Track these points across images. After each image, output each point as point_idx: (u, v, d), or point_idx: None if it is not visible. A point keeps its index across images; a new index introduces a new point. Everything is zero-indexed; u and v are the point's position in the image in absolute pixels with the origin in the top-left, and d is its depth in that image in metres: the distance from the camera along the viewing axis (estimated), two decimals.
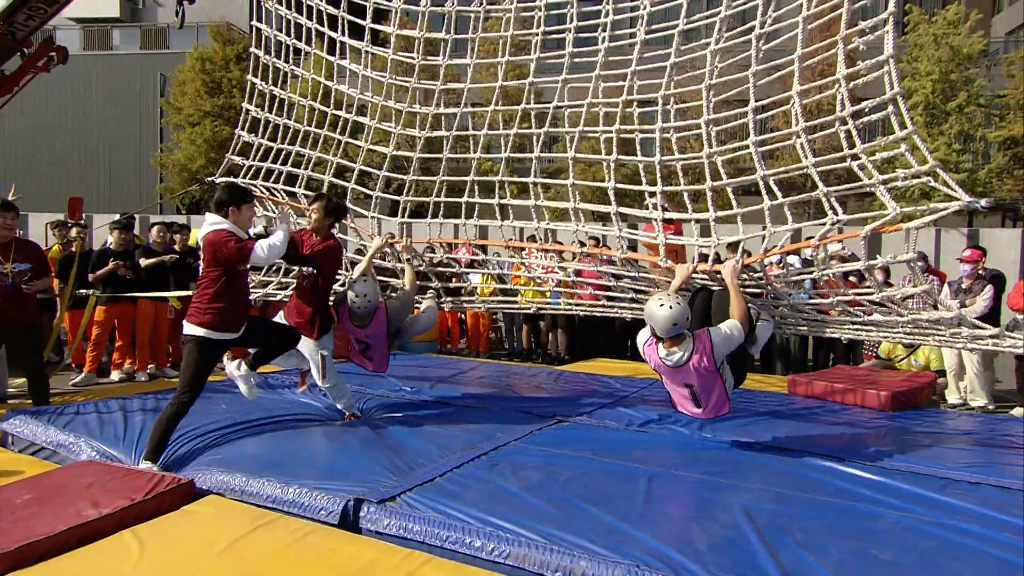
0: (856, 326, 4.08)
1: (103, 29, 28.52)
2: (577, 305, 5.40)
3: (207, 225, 3.94)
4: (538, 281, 6.39)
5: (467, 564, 2.76)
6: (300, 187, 5.71)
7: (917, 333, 3.92)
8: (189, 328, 3.98)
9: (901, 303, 3.75)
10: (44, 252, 5.47)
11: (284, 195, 5.80)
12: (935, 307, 3.74)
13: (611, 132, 4.36)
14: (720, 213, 4.03)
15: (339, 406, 4.77)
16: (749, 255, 4.07)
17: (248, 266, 4.01)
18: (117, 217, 8.06)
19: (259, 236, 4.35)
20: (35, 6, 7.18)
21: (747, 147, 3.77)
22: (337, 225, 4.69)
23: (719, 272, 4.00)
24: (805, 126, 3.56)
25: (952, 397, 6.73)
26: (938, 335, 3.79)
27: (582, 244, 8.11)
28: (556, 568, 2.65)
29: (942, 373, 6.76)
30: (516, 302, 5.98)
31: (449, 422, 4.62)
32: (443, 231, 5.44)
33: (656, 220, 4.14)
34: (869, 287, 3.69)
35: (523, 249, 5.59)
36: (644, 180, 4.39)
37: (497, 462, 3.78)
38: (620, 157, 4.34)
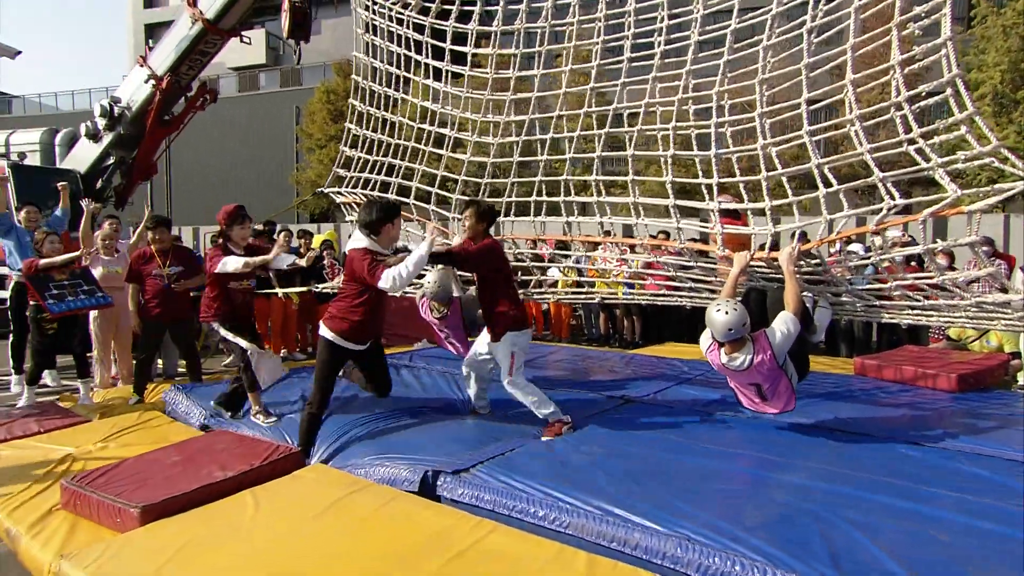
0: (916, 311, 3.62)
1: (252, 73, 30.42)
2: (640, 295, 5.16)
3: (352, 241, 3.72)
4: (612, 273, 6.19)
5: (530, 533, 2.66)
6: (392, 193, 5.73)
7: (982, 317, 3.43)
8: (324, 330, 3.76)
9: (965, 287, 3.28)
10: (195, 256, 5.81)
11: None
12: (1003, 290, 3.25)
13: (668, 129, 4.08)
14: (777, 202, 3.70)
15: (539, 414, 3.83)
16: (807, 240, 3.71)
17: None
18: (259, 226, 8.47)
19: (400, 250, 4.09)
20: (194, 58, 7.76)
21: (801, 138, 3.42)
22: (491, 228, 4.18)
23: (776, 259, 3.65)
24: (859, 114, 3.17)
25: None
26: (1005, 318, 3.29)
27: (653, 237, 7.80)
28: (612, 539, 2.50)
29: (1016, 355, 5.97)
30: (591, 293, 5.79)
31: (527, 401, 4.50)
32: (541, 229, 5.26)
33: (713, 211, 3.85)
34: (930, 271, 3.25)
35: (598, 244, 5.40)
36: (701, 174, 4.09)
37: (564, 439, 3.65)
38: (676, 152, 4.06)
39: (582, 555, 2.42)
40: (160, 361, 6.46)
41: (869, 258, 3.49)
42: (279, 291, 7.53)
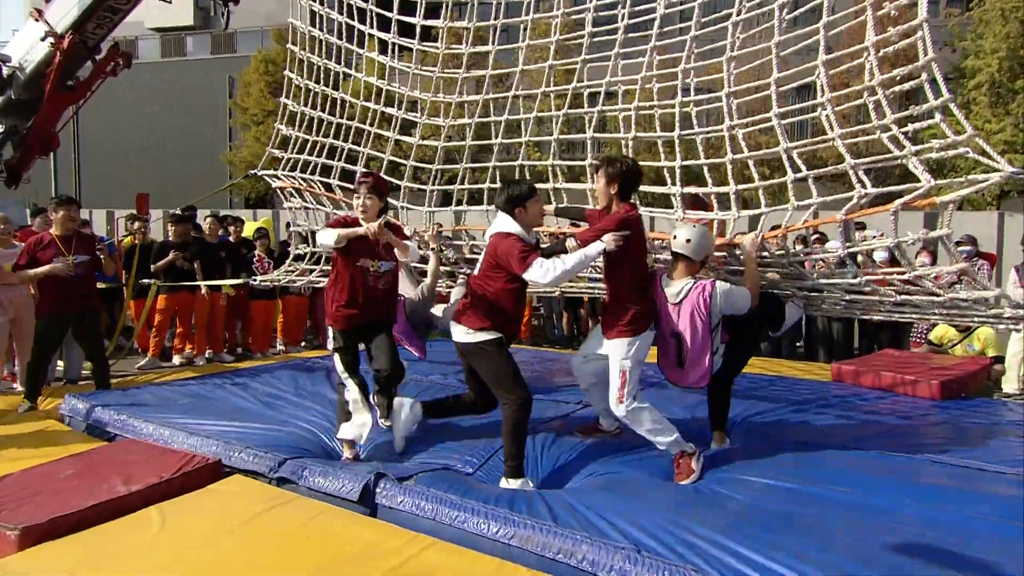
0: (889, 307, 3.79)
1: (177, 36, 29.66)
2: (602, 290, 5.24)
3: (496, 225, 3.53)
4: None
5: (473, 546, 2.71)
6: (334, 178, 5.71)
7: (955, 313, 3.61)
8: (477, 335, 3.48)
9: (936, 282, 3.45)
10: (100, 245, 5.66)
11: (321, 186, 5.83)
12: (978, 288, 3.42)
13: (629, 109, 4.17)
14: (743, 186, 3.81)
15: (659, 444, 3.46)
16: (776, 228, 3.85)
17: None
18: (177, 211, 8.30)
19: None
20: (102, 15, 7.48)
21: (769, 120, 3.54)
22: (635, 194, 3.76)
23: (737, 247, 3.78)
24: (830, 97, 3.30)
25: (1009, 386, 6.24)
26: (979, 315, 3.48)
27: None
28: (558, 551, 2.57)
29: (999, 359, 6.28)
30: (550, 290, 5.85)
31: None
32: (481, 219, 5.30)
33: (675, 196, 3.95)
34: (903, 268, 3.41)
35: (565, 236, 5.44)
36: (664, 157, 4.20)
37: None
38: (638, 135, 4.15)
39: (523, 571, 2.47)
40: (61, 363, 6.28)
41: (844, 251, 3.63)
42: (204, 284, 7.40)
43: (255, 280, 6.99)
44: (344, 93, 5.73)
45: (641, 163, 3.61)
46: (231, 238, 8.32)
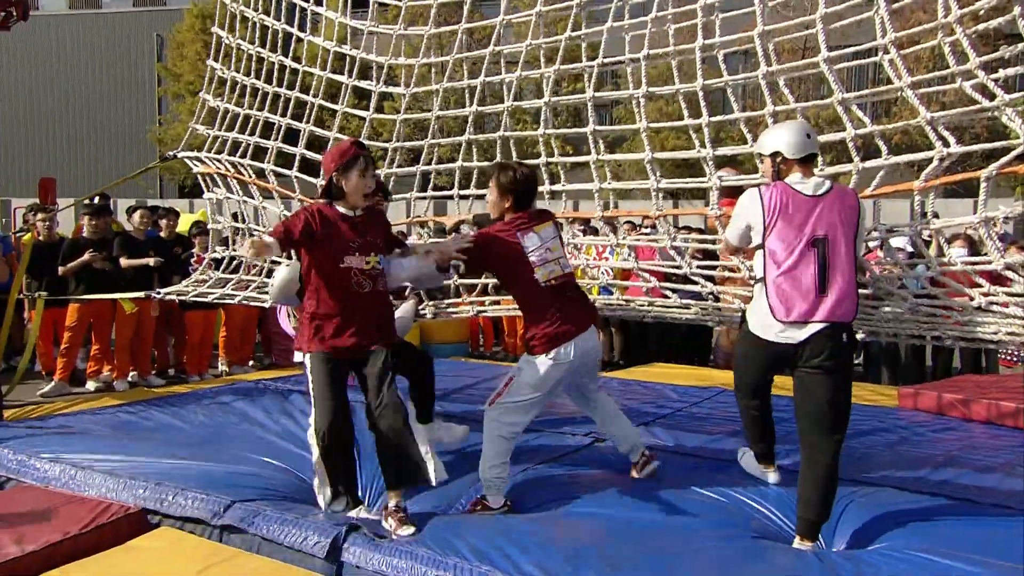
0: (966, 320, 3.77)
1: None
2: (618, 305, 5.24)
3: None
4: (587, 272, 6.23)
5: None
6: (269, 162, 5.62)
7: None
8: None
9: None
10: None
11: (251, 172, 5.75)
12: None
13: (639, 59, 4.13)
14: None
15: (481, 471, 3.67)
16: None
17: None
18: (91, 199, 8.21)
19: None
20: None
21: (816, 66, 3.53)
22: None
23: None
24: (892, 38, 3.28)
25: None
26: None
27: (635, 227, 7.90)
28: None
29: None
30: None
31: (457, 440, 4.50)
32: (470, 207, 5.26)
33: (705, 159, 3.95)
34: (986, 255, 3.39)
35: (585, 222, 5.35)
36: (698, 145, 4.21)
37: (510, 491, 3.68)
38: (651, 124, 4.09)
39: None
40: None
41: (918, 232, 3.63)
42: (96, 296, 7.16)
43: (159, 292, 6.77)
44: (286, 57, 5.64)
45: (661, 124, 3.67)
46: (162, 233, 8.24)
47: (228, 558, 3.10)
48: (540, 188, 4.88)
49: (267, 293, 5.30)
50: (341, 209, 3.57)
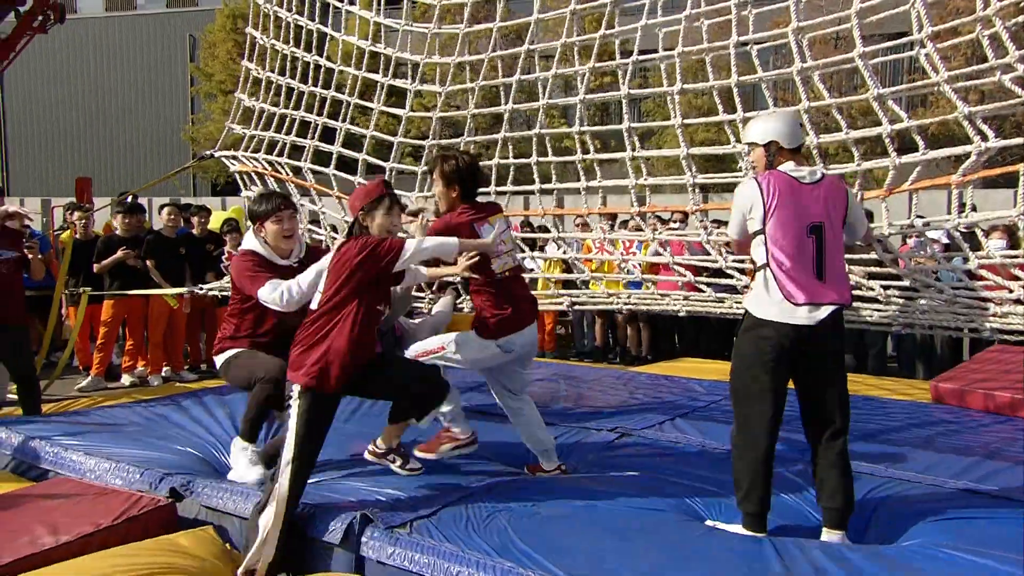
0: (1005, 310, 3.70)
1: None
2: (650, 298, 5.21)
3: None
4: (618, 264, 6.22)
5: None
6: (306, 160, 5.68)
7: None
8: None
9: None
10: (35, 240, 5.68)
11: (288, 170, 5.82)
12: None
13: (673, 56, 4.10)
14: (838, 169, 3.74)
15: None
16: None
17: None
18: (125, 197, 8.34)
19: None
20: None
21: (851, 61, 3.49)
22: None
23: None
24: (930, 32, 3.22)
25: None
26: None
27: (664, 222, 7.84)
28: None
29: None
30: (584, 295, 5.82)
31: (485, 436, 4.49)
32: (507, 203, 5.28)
33: (740, 155, 3.95)
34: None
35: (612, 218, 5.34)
36: (733, 139, 4.19)
37: (530, 486, 3.70)
38: (686, 121, 4.06)
39: None
40: None
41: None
42: (141, 292, 7.33)
43: (202, 288, 6.89)
44: (319, 56, 5.69)
45: (696, 121, 3.68)
46: (195, 231, 8.34)
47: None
48: (576, 184, 4.91)
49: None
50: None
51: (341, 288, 3.30)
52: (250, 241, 3.90)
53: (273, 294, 3.61)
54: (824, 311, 3.07)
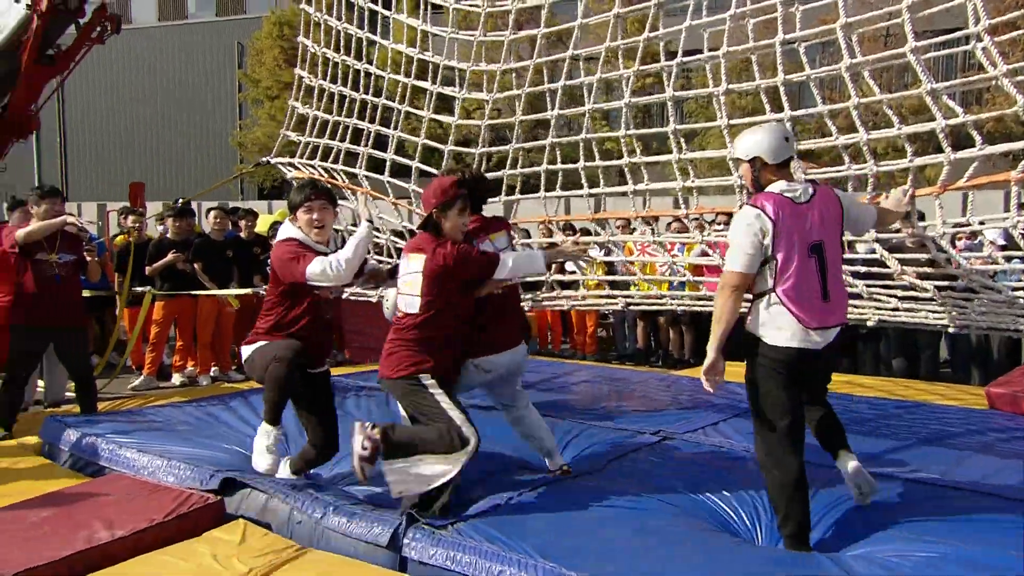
0: None
1: None
2: (693, 300, 5.19)
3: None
4: (657, 266, 6.21)
5: None
6: (361, 167, 5.77)
7: None
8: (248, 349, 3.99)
9: None
10: (90, 243, 5.85)
11: (343, 176, 5.91)
12: None
13: (718, 56, 4.07)
14: (886, 165, 3.68)
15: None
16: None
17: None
18: (178, 202, 8.55)
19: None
20: None
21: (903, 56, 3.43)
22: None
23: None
24: (987, 25, 3.14)
25: None
26: None
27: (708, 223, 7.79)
28: None
29: None
30: (615, 298, 5.79)
31: None
32: (557, 207, 5.36)
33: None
34: None
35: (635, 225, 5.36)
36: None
37: (573, 488, 3.69)
38: (732, 122, 4.03)
39: None
40: (40, 383, 6.52)
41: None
42: (200, 292, 7.54)
43: (264, 289, 7.03)
44: (370, 64, 5.77)
45: (742, 120, 3.65)
46: (242, 234, 8.49)
47: (297, 555, 3.18)
48: (622, 188, 4.89)
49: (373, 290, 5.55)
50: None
51: (440, 290, 3.44)
52: (288, 229, 3.89)
53: (323, 267, 3.57)
54: (832, 333, 3.12)
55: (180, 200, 8.45)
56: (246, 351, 3.93)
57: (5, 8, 8.05)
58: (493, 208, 5.77)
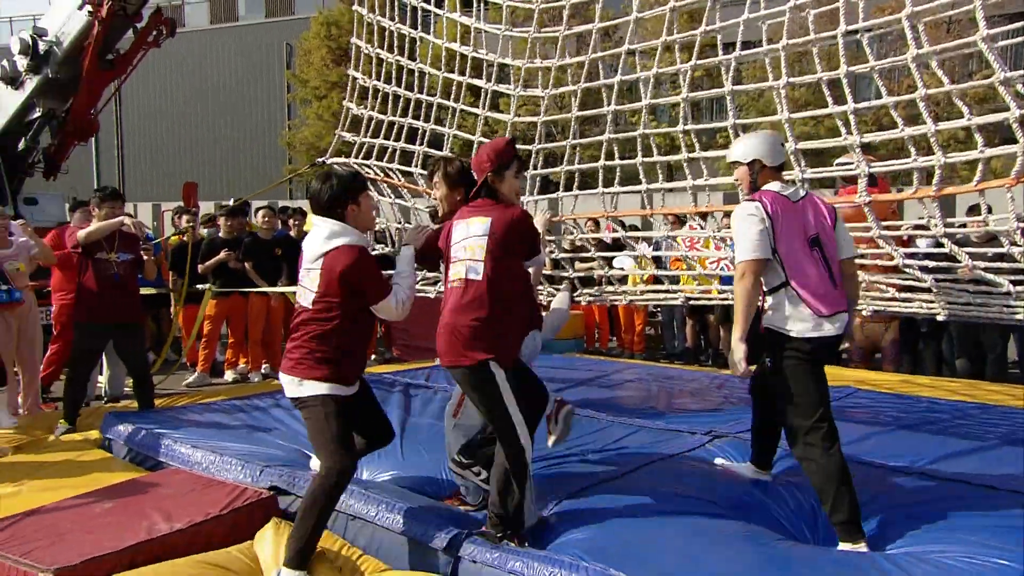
0: None
1: None
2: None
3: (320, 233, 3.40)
4: (707, 262, 6.09)
5: None
6: (416, 165, 5.81)
7: None
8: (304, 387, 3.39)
9: None
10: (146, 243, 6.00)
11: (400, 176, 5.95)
12: None
13: (778, 49, 3.99)
14: (955, 156, 3.62)
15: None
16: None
17: None
18: (229, 202, 8.73)
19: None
20: None
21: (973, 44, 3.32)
22: None
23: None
24: None
25: None
26: None
27: None
28: None
29: None
30: (671, 294, 5.73)
31: (573, 437, 4.48)
32: (612, 203, 5.30)
33: (853, 147, 3.84)
34: None
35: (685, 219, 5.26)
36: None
37: (623, 490, 3.65)
38: (791, 116, 3.95)
39: None
40: (102, 378, 6.72)
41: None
42: (252, 291, 7.68)
43: None
44: (423, 63, 5.80)
45: (803, 114, 3.59)
46: (291, 233, 8.62)
47: (341, 559, 3.24)
48: (671, 185, 4.84)
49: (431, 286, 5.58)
50: None
51: (508, 253, 3.20)
52: (351, 234, 3.34)
53: (395, 303, 3.30)
54: (844, 317, 3.26)
55: (234, 200, 8.62)
56: (311, 388, 3.26)
57: (69, 15, 8.32)
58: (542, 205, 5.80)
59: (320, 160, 7.19)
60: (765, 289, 3.30)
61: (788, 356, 3.23)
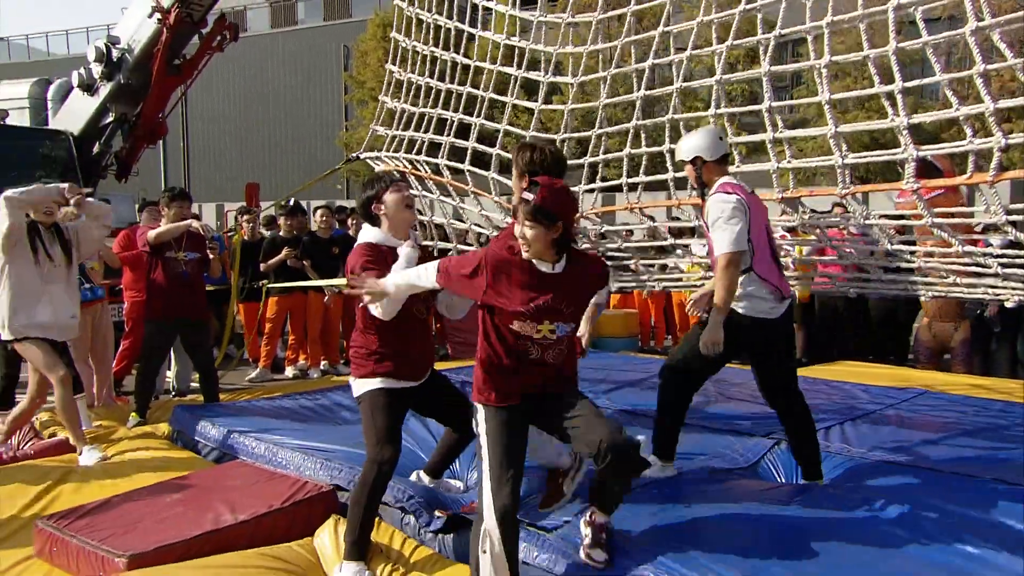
0: None
1: (288, 3, 32.00)
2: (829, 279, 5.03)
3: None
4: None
5: None
6: (442, 157, 5.76)
7: None
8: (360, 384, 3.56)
9: None
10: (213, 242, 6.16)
11: (427, 168, 5.95)
12: None
13: (821, 27, 3.88)
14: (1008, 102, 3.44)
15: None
16: None
17: None
18: (286, 201, 8.93)
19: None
20: None
21: None
22: None
23: None
24: None
25: None
26: None
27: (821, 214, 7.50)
28: None
29: None
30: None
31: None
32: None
33: (898, 129, 3.63)
34: None
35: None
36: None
37: (680, 489, 3.61)
38: (833, 96, 3.83)
39: None
40: (170, 373, 6.94)
41: None
42: (302, 284, 7.78)
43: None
44: (456, 53, 5.79)
45: (844, 95, 3.46)
46: (349, 231, 8.78)
47: (404, 554, 3.29)
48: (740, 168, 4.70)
49: None
50: None
51: None
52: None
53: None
54: (786, 303, 3.60)
55: (287, 198, 8.83)
56: (360, 386, 3.45)
57: (139, 24, 8.68)
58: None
59: (354, 155, 7.27)
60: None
61: (751, 333, 3.54)
